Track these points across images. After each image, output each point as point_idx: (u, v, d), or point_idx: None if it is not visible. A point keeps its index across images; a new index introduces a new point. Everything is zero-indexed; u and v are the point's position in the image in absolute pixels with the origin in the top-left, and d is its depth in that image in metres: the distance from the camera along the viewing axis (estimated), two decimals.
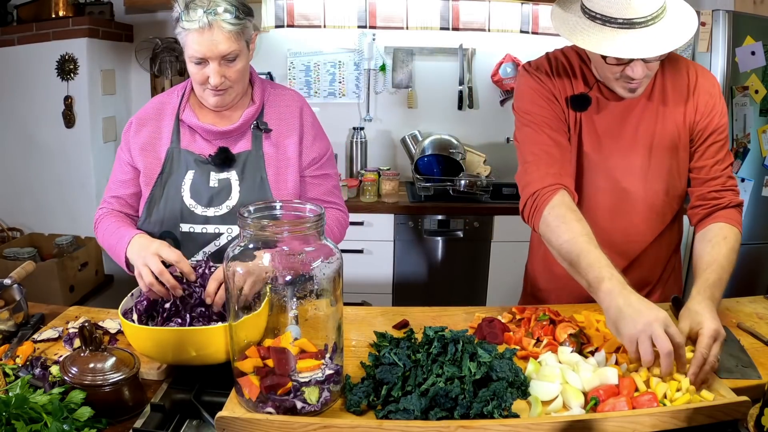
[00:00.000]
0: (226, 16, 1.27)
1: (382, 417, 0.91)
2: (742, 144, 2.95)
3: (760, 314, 1.37)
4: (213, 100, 1.38)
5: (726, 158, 1.38)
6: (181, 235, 1.41)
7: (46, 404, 0.91)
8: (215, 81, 1.32)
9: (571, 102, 1.38)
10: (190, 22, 1.27)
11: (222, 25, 1.27)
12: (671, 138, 1.36)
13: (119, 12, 3.20)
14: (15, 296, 1.31)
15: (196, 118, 1.43)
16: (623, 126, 1.37)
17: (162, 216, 1.41)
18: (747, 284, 3.10)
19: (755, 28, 2.84)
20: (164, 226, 1.41)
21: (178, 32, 1.32)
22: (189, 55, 1.32)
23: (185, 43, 1.31)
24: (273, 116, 1.47)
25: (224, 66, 1.32)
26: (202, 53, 1.29)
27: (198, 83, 1.36)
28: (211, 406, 0.99)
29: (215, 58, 1.30)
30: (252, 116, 1.44)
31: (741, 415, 0.91)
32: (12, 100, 3.02)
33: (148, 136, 1.44)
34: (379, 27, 3.16)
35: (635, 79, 1.24)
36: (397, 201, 2.96)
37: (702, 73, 1.37)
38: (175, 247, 1.41)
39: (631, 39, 1.16)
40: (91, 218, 1.55)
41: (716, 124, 1.35)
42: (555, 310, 1.26)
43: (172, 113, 1.45)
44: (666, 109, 1.36)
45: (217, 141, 1.43)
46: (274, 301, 0.98)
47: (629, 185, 1.39)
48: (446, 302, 1.43)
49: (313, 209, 1.00)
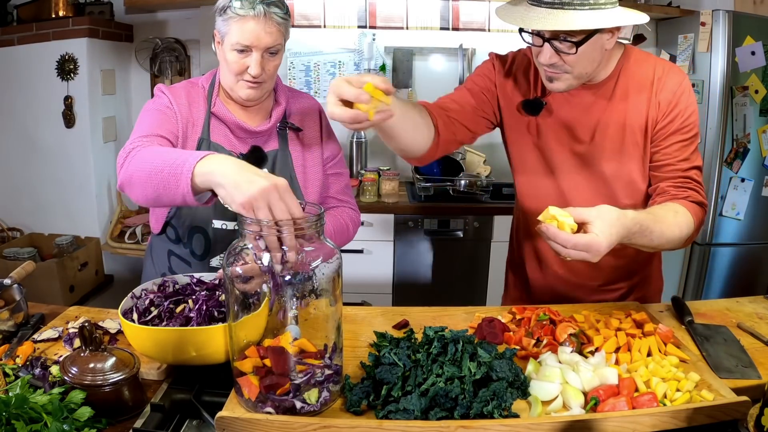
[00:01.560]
0: (277, 10, 1.31)
1: (382, 417, 0.91)
2: (742, 144, 2.95)
3: (760, 314, 1.37)
4: (246, 93, 1.38)
5: (692, 158, 1.34)
6: (213, 231, 1.40)
7: (46, 404, 0.91)
8: (256, 71, 1.32)
9: (523, 106, 1.41)
10: (244, 9, 1.28)
11: (274, 17, 1.30)
12: (633, 138, 1.35)
13: (119, 12, 3.20)
14: (15, 296, 1.31)
15: (230, 113, 1.42)
16: (584, 127, 1.37)
17: (194, 209, 1.38)
18: (747, 284, 3.11)
19: (755, 28, 2.84)
20: (196, 221, 1.40)
21: (223, 20, 1.31)
22: (233, 42, 1.31)
23: (229, 30, 1.31)
24: (296, 117, 1.51)
25: (266, 58, 1.34)
26: (249, 41, 1.30)
27: (234, 73, 1.35)
28: (211, 406, 0.99)
29: (261, 49, 1.31)
30: (280, 116, 1.47)
31: (741, 415, 0.91)
32: (12, 100, 3.02)
33: (185, 117, 1.38)
34: (379, 27, 3.16)
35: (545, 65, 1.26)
36: (397, 201, 2.96)
37: (668, 72, 1.33)
38: (206, 244, 1.42)
39: (539, 14, 1.17)
40: (90, 218, 1.55)
41: (680, 123, 1.32)
42: (555, 310, 1.26)
43: (203, 103, 1.43)
44: (627, 110, 1.34)
45: (248, 138, 1.44)
46: (273, 301, 0.98)
47: (593, 187, 1.40)
48: (446, 302, 1.43)
49: (313, 209, 1.00)
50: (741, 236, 3.06)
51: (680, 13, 3.11)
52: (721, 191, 2.97)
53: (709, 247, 3.04)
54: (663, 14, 3.15)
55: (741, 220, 3.03)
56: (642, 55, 1.37)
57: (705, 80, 2.94)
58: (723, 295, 3.07)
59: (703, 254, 3.05)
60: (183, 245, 1.45)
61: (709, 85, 2.92)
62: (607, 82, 1.35)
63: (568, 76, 1.27)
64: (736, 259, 3.10)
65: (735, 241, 3.06)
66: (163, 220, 1.44)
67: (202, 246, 1.42)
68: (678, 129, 1.32)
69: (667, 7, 3.16)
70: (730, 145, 2.93)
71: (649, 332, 1.15)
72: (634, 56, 1.36)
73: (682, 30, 3.10)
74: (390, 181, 2.99)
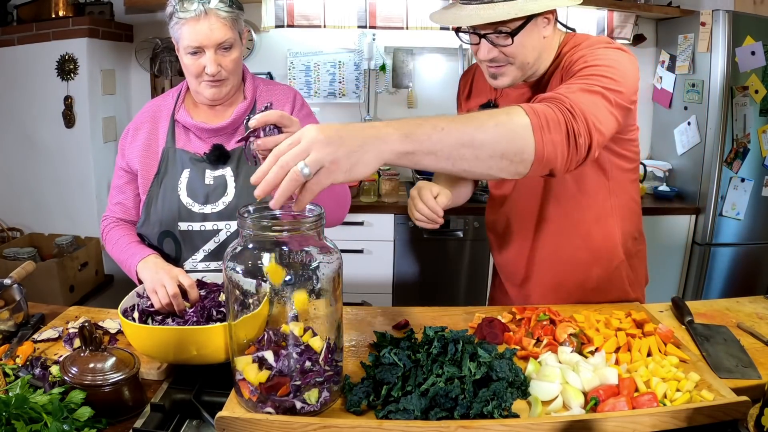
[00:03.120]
0: (220, 5, 1.31)
1: (382, 417, 0.91)
2: (742, 144, 2.95)
3: (760, 314, 1.37)
4: (209, 92, 1.39)
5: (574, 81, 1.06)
6: (180, 234, 1.41)
7: (46, 404, 0.91)
8: (212, 69, 1.33)
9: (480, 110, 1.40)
10: (185, 12, 1.29)
11: (217, 13, 1.30)
12: None
13: (119, 12, 3.20)
14: (15, 296, 1.31)
15: (190, 117, 1.44)
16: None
17: (160, 216, 1.41)
18: (747, 284, 3.11)
19: (755, 28, 2.84)
20: (163, 226, 1.42)
21: (172, 27, 1.34)
22: (185, 47, 1.33)
23: (180, 35, 1.32)
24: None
25: (220, 55, 1.34)
26: (198, 41, 1.31)
27: (193, 75, 1.37)
28: (211, 406, 0.99)
29: (211, 46, 1.32)
30: (244, 112, 1.45)
31: (741, 415, 0.91)
32: (12, 100, 3.02)
33: (145, 140, 1.46)
34: (379, 27, 3.16)
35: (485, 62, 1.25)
36: (397, 201, 2.96)
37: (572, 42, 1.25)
38: (176, 246, 1.42)
39: (470, 12, 1.18)
40: (90, 218, 1.57)
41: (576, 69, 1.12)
42: (555, 310, 1.26)
43: (168, 115, 1.47)
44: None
45: (210, 138, 1.44)
46: (273, 301, 0.98)
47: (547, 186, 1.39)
48: (446, 302, 1.44)
49: (313, 209, 1.00)
50: (741, 236, 3.06)
51: (680, 13, 3.11)
52: (721, 191, 2.97)
53: (709, 247, 3.04)
54: (663, 14, 3.15)
55: (741, 220, 3.03)
56: (580, 38, 1.26)
57: (705, 80, 2.94)
58: (723, 295, 3.07)
59: (703, 254, 3.06)
60: (157, 250, 1.45)
61: (709, 85, 2.92)
62: (545, 74, 1.31)
63: (511, 69, 1.26)
64: (736, 259, 3.10)
65: (735, 241, 3.06)
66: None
67: (174, 249, 1.44)
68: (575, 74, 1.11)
69: (667, 7, 3.16)
70: (730, 145, 2.93)
71: (649, 332, 1.15)
72: (573, 42, 1.26)
73: (682, 30, 3.10)
74: (390, 181, 2.99)
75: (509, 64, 1.25)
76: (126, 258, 1.39)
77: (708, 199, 2.99)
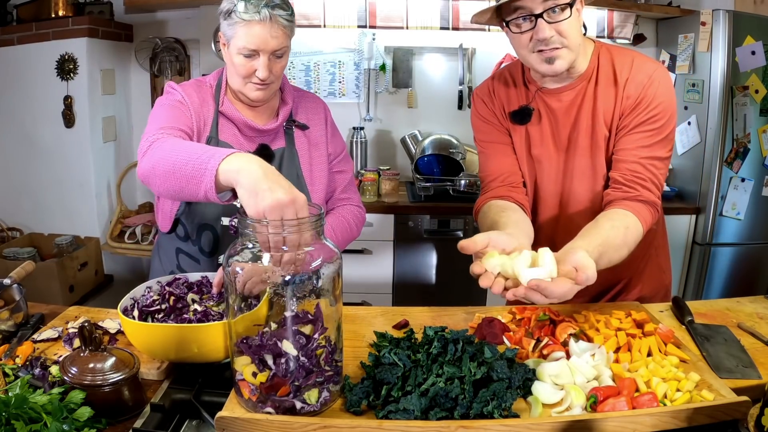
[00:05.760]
0: (282, 12, 1.30)
1: (382, 417, 0.91)
2: (742, 144, 2.95)
3: (760, 314, 1.37)
4: (255, 95, 1.38)
5: (655, 149, 1.31)
6: (221, 228, 1.40)
7: (46, 404, 0.91)
8: (264, 74, 1.32)
9: (511, 117, 1.43)
10: (249, 13, 1.27)
11: (279, 21, 1.29)
12: (603, 134, 1.36)
13: (119, 12, 3.20)
14: (15, 296, 1.31)
15: (239, 113, 1.42)
16: (563, 130, 1.39)
17: (204, 207, 1.39)
18: (747, 284, 3.11)
19: (755, 28, 2.84)
20: (205, 218, 1.41)
21: (228, 23, 1.31)
22: (239, 47, 1.31)
23: (235, 34, 1.30)
24: (302, 115, 1.53)
25: (272, 61, 1.34)
26: (255, 45, 1.29)
27: (242, 76, 1.35)
28: (211, 406, 0.99)
29: (267, 52, 1.31)
30: (287, 115, 1.48)
31: (741, 415, 0.91)
32: (12, 100, 3.02)
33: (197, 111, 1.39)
34: (379, 27, 3.16)
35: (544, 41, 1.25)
36: (397, 201, 2.96)
37: (640, 65, 1.33)
38: (214, 240, 1.43)
39: None
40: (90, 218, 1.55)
41: (646, 115, 1.30)
42: (555, 310, 1.26)
43: (212, 102, 1.43)
44: (597, 109, 1.35)
45: (256, 137, 1.45)
46: (273, 301, 0.98)
47: (575, 187, 1.42)
48: (446, 302, 1.43)
49: (313, 209, 1.00)
50: (741, 236, 3.06)
51: (680, 12, 3.11)
52: (721, 191, 2.97)
53: (709, 247, 3.04)
54: (663, 14, 3.15)
55: (741, 220, 3.03)
56: (616, 50, 1.37)
57: (705, 80, 2.94)
58: (723, 295, 3.07)
59: (703, 254, 3.05)
60: (192, 242, 1.46)
61: (709, 85, 2.92)
62: (583, 78, 1.36)
63: (566, 51, 1.27)
64: (736, 259, 3.10)
65: (735, 241, 3.06)
66: (171, 219, 1.44)
67: (211, 243, 1.43)
68: (644, 121, 1.31)
69: (667, 7, 3.16)
70: (730, 145, 2.93)
71: (649, 332, 1.15)
72: (610, 51, 1.36)
73: (683, 30, 3.10)
74: (390, 181, 2.99)
75: (564, 47, 1.26)
76: (199, 153, 1.02)
77: (708, 199, 2.98)
